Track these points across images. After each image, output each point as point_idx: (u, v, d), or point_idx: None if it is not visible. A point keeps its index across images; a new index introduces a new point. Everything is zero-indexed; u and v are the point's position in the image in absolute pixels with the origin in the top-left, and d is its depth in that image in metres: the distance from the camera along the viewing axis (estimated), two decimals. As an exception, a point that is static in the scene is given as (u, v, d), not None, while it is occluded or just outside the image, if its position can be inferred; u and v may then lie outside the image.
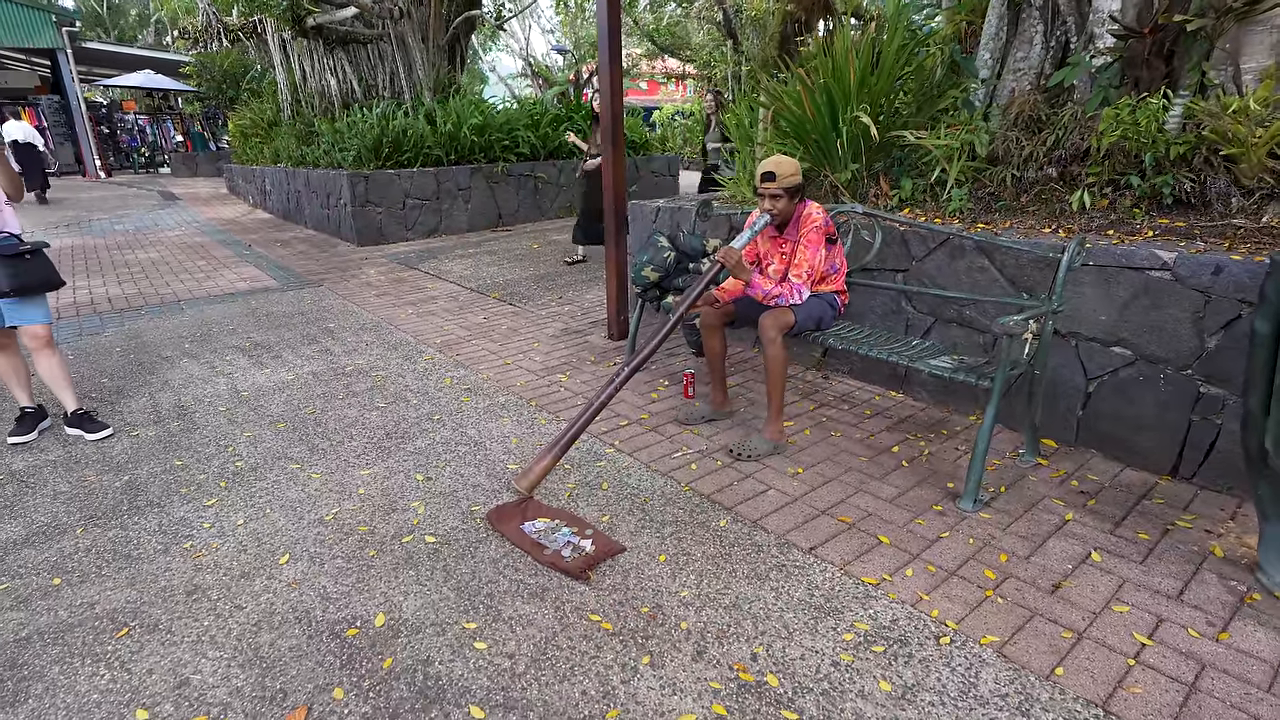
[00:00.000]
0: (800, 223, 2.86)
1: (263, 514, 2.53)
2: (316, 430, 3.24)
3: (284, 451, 3.03)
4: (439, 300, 5.68)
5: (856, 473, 2.75)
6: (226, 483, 2.76)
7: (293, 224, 10.56)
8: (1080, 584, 2.06)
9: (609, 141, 4.20)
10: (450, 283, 6.30)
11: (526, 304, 5.49)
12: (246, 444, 3.11)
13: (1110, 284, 2.70)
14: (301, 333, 4.82)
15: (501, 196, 9.28)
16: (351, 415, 3.40)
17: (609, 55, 4.01)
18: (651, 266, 3.60)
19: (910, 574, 2.12)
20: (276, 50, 10.68)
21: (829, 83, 3.81)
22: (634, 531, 2.38)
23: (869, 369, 3.67)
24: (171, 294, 6.01)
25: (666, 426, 3.22)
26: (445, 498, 2.62)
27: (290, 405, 3.54)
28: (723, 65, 21.53)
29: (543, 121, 9.85)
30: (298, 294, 5.99)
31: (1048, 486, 2.62)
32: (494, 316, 5.16)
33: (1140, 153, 2.94)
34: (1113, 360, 2.75)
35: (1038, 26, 4.14)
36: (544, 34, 27.98)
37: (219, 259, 7.69)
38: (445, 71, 10.84)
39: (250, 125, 12.53)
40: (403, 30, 10.02)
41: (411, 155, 8.68)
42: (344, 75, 10.37)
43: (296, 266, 7.24)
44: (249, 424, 3.32)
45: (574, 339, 4.58)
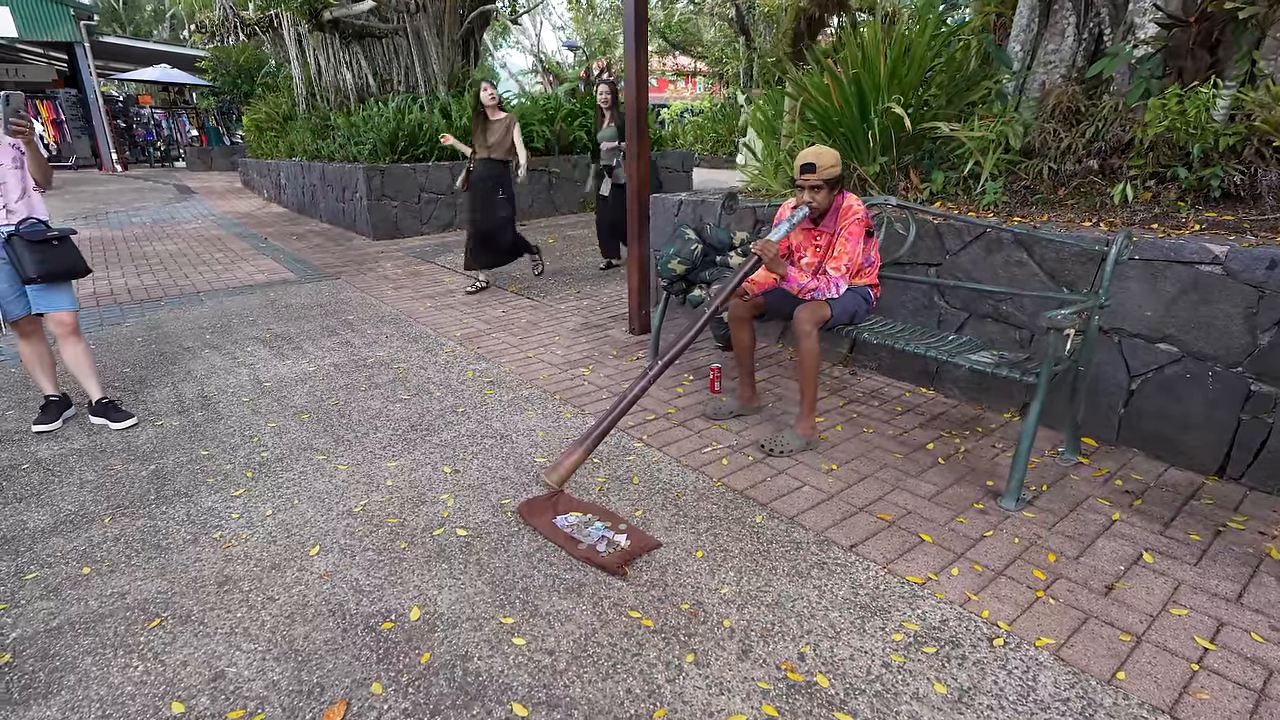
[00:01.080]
0: (840, 214, 2.79)
1: (291, 505, 2.49)
2: (341, 421, 3.20)
3: (309, 443, 2.99)
4: (456, 294, 5.64)
5: (892, 470, 2.69)
6: (253, 473, 2.72)
7: (308, 218, 10.55)
8: (1134, 586, 1.99)
9: (633, 134, 4.13)
10: (467, 276, 6.25)
11: (544, 298, 5.43)
12: (271, 434, 3.07)
13: (1157, 279, 2.62)
14: (321, 324, 4.78)
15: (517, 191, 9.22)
16: (375, 407, 3.36)
17: (635, 44, 3.94)
18: (679, 259, 3.54)
19: (956, 573, 2.06)
20: (292, 44, 10.66)
21: (860, 73, 3.74)
22: (668, 527, 2.33)
23: (897, 365, 3.60)
24: (190, 285, 5.99)
25: (694, 421, 3.16)
26: (474, 490, 2.58)
27: (313, 396, 3.50)
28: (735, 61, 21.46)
29: (557, 116, 9.79)
30: (315, 286, 5.95)
31: (1091, 486, 2.55)
32: (512, 310, 5.12)
33: (1187, 144, 2.86)
34: (1158, 357, 2.67)
35: (1070, 18, 4.05)
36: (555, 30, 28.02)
37: (236, 251, 7.67)
38: (459, 66, 10.79)
39: (265, 119, 12.53)
40: (418, 24, 9.99)
41: (427, 149, 8.63)
42: (359, 69, 10.33)
43: (313, 259, 7.21)
44: (273, 414, 3.29)
45: (594, 333, 4.52)
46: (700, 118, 20.62)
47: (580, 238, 7.92)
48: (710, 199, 4.55)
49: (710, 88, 27.71)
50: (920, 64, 3.87)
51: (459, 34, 10.65)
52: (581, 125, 9.92)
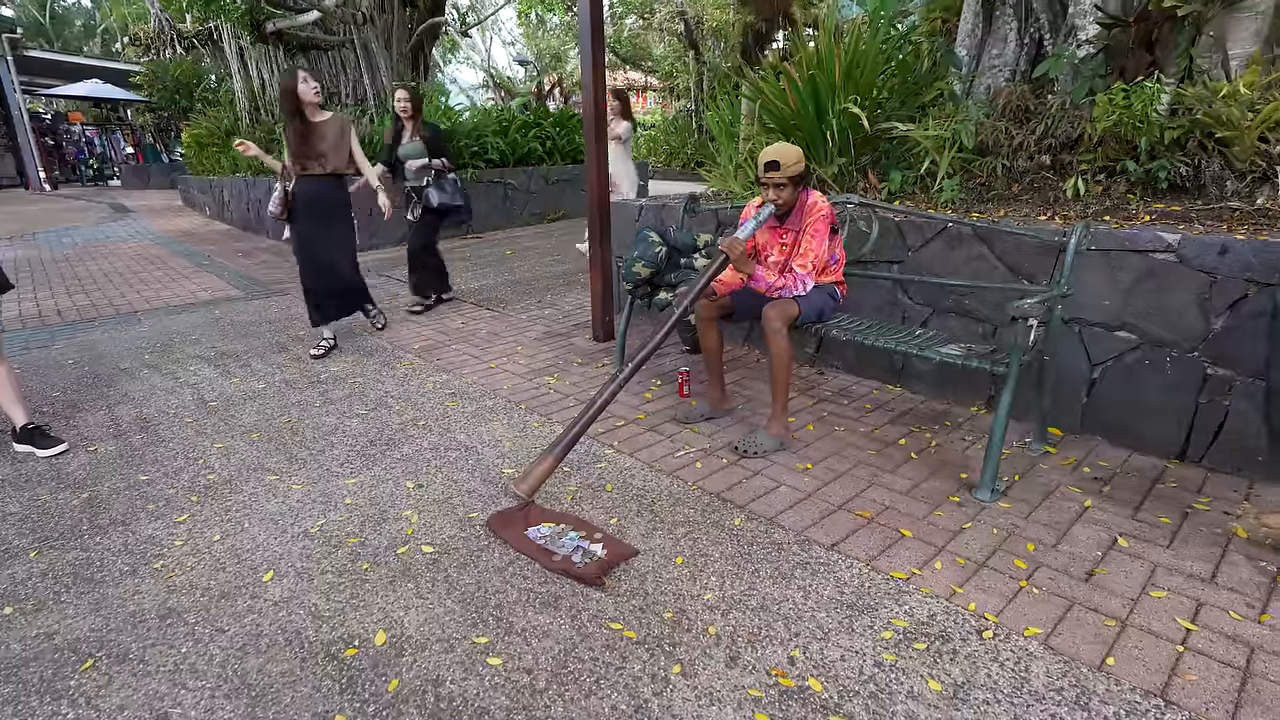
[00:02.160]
0: (805, 212, 2.77)
1: (241, 529, 2.32)
2: (294, 439, 3.02)
3: (260, 462, 2.81)
4: (414, 307, 5.45)
5: (866, 466, 2.66)
6: (198, 497, 2.54)
7: (254, 234, 10.17)
8: (1113, 570, 1.98)
9: (592, 137, 4.07)
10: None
11: (505, 308, 5.31)
12: (218, 456, 2.88)
13: (1113, 268, 2.67)
14: (270, 341, 4.56)
15: (472, 202, 9.07)
16: (331, 423, 3.19)
17: (591, 47, 3.89)
18: (643, 262, 3.47)
19: (939, 567, 2.03)
20: (234, 57, 10.33)
21: (815, 74, 3.76)
22: (645, 534, 2.24)
23: (864, 363, 3.60)
24: (128, 305, 5.66)
25: (665, 426, 3.09)
26: (439, 505, 2.45)
27: (264, 415, 3.31)
28: (685, 75, 21.69)
29: (511, 128, 9.69)
30: (264, 303, 5.70)
31: (1061, 474, 2.56)
32: (472, 321, 4.98)
33: (1134, 138, 2.93)
34: (1117, 345, 2.72)
35: (1011, 24, 4.17)
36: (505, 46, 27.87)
37: (177, 269, 7.31)
38: (410, 79, 10.60)
39: (207, 135, 12.06)
40: (366, 37, 9.78)
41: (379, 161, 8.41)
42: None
43: (261, 276, 6.92)
44: (220, 435, 3.09)
45: (558, 342, 4.42)
46: (654, 131, 20.75)
47: (538, 249, 7.81)
48: (671, 203, 4.51)
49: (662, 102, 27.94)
50: (873, 66, 3.92)
51: (408, 47, 10.47)
52: (536, 136, 9.84)
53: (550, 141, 10.09)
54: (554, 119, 10.47)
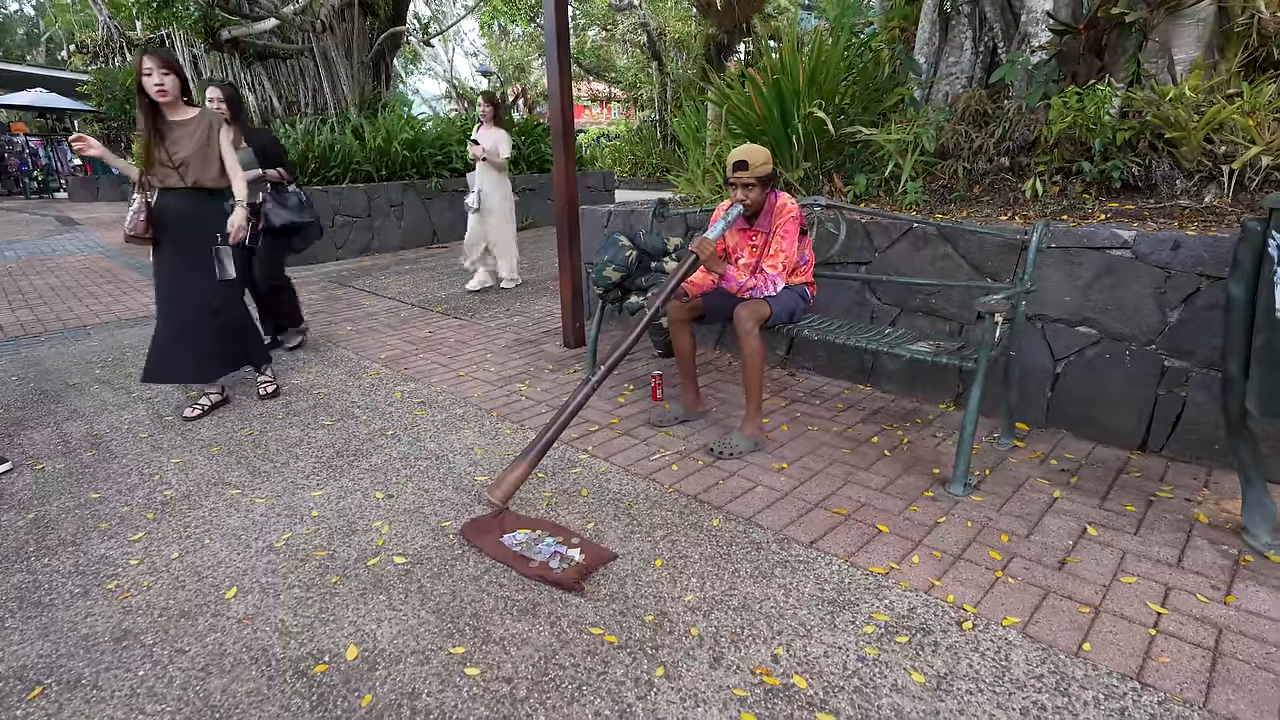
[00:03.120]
0: (774, 213, 2.79)
1: (201, 545, 2.22)
2: (256, 452, 2.92)
3: (220, 476, 2.70)
4: (379, 316, 5.36)
5: (841, 465, 2.67)
6: (155, 514, 2.43)
7: (209, 246, 9.87)
8: (1084, 558, 2.02)
9: (559, 144, 4.06)
10: (389, 299, 5.97)
11: (473, 317, 5.24)
12: (175, 471, 2.76)
13: (1073, 265, 2.74)
14: (229, 353, 4.41)
15: (436, 212, 8.96)
16: (295, 435, 3.09)
17: (557, 54, 3.88)
18: (614, 266, 3.46)
19: (917, 561, 2.04)
20: (187, 65, 10.06)
21: (780, 79, 3.80)
22: (623, 537, 2.21)
23: (834, 363, 3.63)
24: (76, 319, 5.43)
25: (639, 430, 3.07)
26: (411, 515, 2.38)
27: (223, 428, 3.19)
28: (648, 86, 21.85)
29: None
30: (221, 315, 5.51)
31: (1029, 467, 2.61)
32: (440, 330, 4.90)
33: (1088, 140, 3.03)
34: (1079, 340, 2.79)
35: (967, 33, 4.28)
36: (468, 57, 27.69)
37: (129, 283, 7.05)
38: (371, 88, 10.47)
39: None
40: (325, 45, 9.64)
41: (340, 171, 8.27)
42: (263, 91, 9.85)
43: (217, 288, 6.70)
44: (177, 449, 2.97)
45: (528, 349, 4.37)
46: (618, 141, 20.83)
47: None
48: (640, 208, 4.51)
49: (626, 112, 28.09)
50: (836, 72, 3.99)
51: (369, 56, 10.34)
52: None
53: (516, 150, 10.03)
54: (519, 128, 10.43)
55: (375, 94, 10.32)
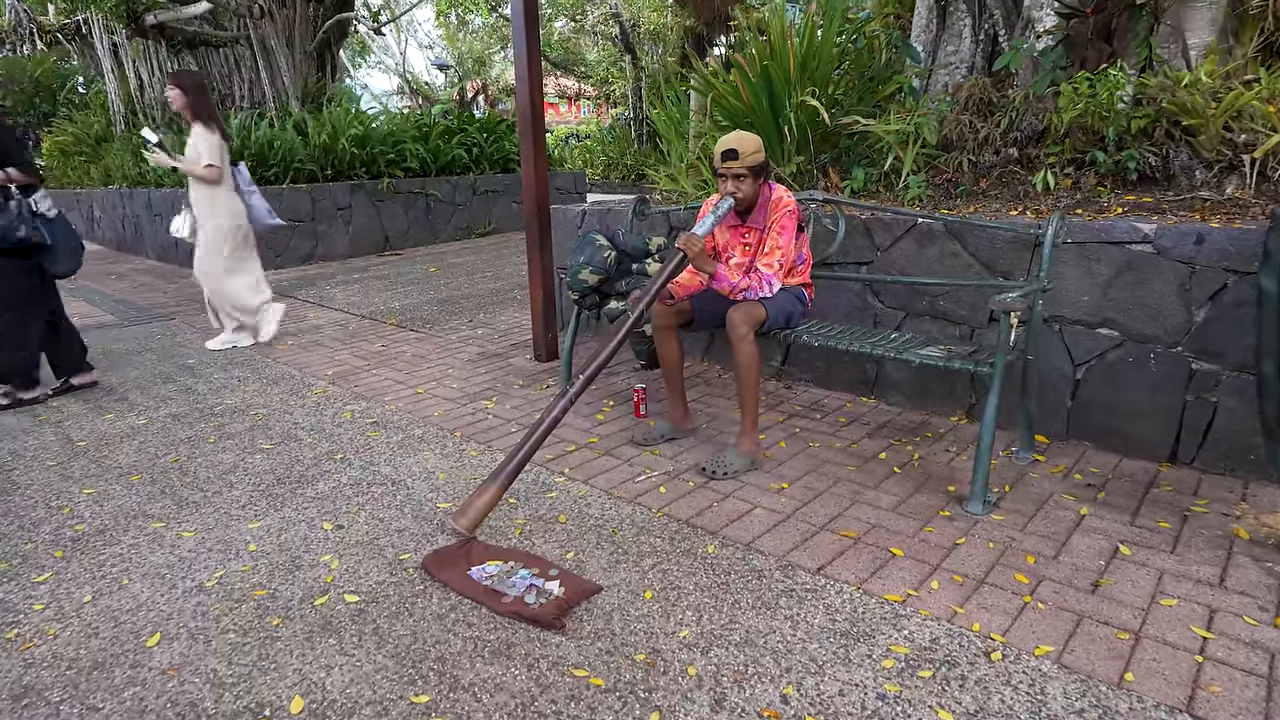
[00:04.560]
0: (769, 208, 2.78)
1: (118, 586, 2.11)
2: (183, 480, 2.80)
3: (141, 508, 2.58)
4: (324, 329, 5.25)
5: (847, 483, 2.65)
6: (64, 552, 2.30)
7: (130, 255, 9.66)
8: (1119, 579, 2.01)
9: (528, 137, 4.03)
10: (336, 310, 5.87)
11: (431, 329, 5.16)
12: (89, 503, 2.64)
13: (1091, 261, 2.77)
14: (153, 371, 4.28)
15: (388, 216, 8.87)
16: (229, 460, 2.98)
17: (525, 34, 3.86)
18: (590, 268, 3.42)
19: (936, 586, 2.01)
20: (107, 54, 9.91)
21: (769, 65, 3.83)
22: (607, 567, 2.15)
23: (834, 374, 3.62)
24: (-28, 336, 5.23)
25: (622, 449, 3.02)
26: (364, 547, 2.29)
27: (145, 454, 3.07)
28: (621, 81, 22.06)
29: (433, 134, 9.57)
30: (144, 330, 5.37)
31: (1052, 482, 2.61)
32: (394, 343, 4.81)
33: (1101, 128, 3.08)
34: (1100, 343, 2.81)
35: (965, 20, 4.37)
36: (422, 49, 27.69)
37: (36, 295, 6.83)
38: (315, 80, 10.39)
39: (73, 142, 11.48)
40: (264, 32, 9.56)
41: (280, 170, 8.15)
42: (193, 82, 9.70)
43: (139, 300, 6.55)
44: (90, 479, 2.84)
45: (494, 363, 4.30)
46: (589, 142, 20.93)
47: (466, 265, 7.68)
48: (617, 207, 4.50)
49: (597, 109, 28.31)
50: (829, 58, 4.03)
51: (312, 45, 10.27)
52: (460, 142, 9.75)
53: (477, 149, 10.01)
54: (480, 124, 10.42)
55: (320, 86, 10.24)
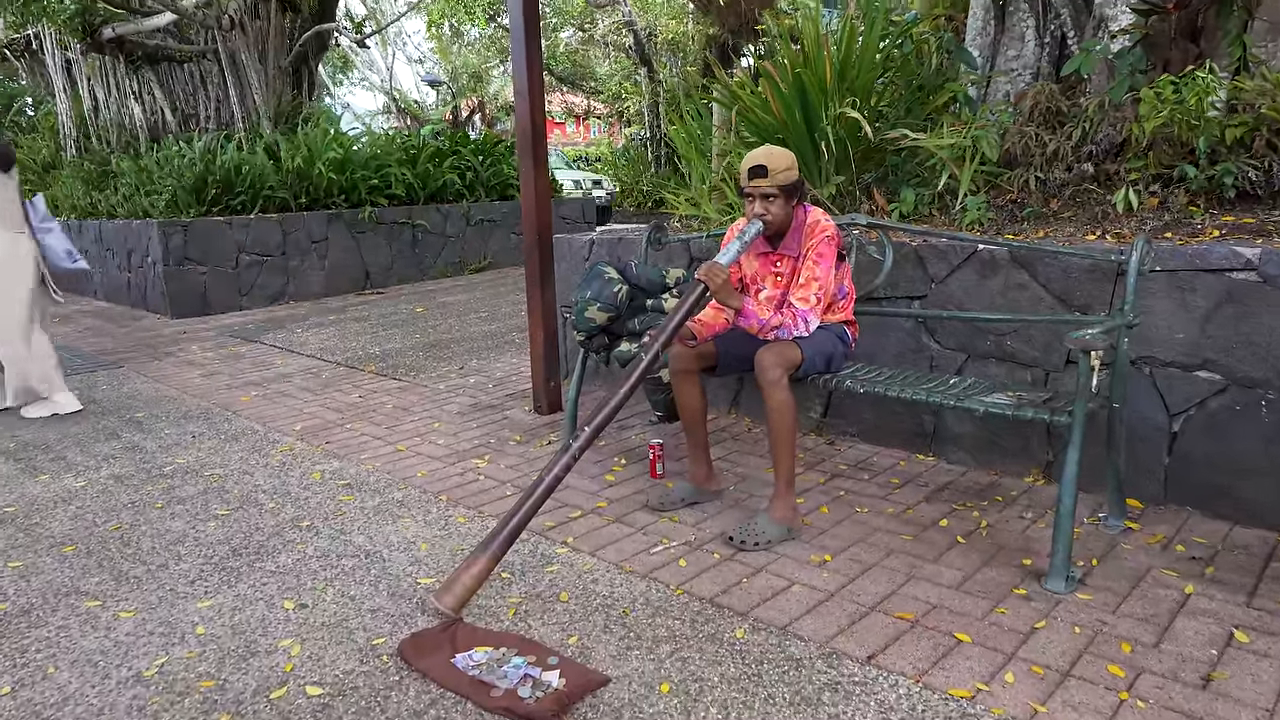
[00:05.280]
0: (805, 233, 2.80)
1: (42, 675, 2.09)
2: (124, 552, 2.81)
3: (74, 584, 2.59)
4: (293, 378, 5.31)
5: (901, 555, 2.60)
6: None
7: (76, 295, 9.87)
8: (1236, 673, 1.94)
9: (528, 156, 4.12)
10: (307, 356, 5.94)
11: (416, 376, 5.20)
12: (14, 578, 2.65)
13: (1184, 292, 2.75)
14: (95, 426, 4.33)
15: (369, 249, 9.04)
16: (177, 529, 2.99)
17: (526, 51, 3.98)
18: (598, 305, 3.44)
19: (1011, 680, 1.95)
20: (59, 71, 10.33)
21: (802, 73, 3.90)
22: (617, 655, 2.11)
23: (885, 427, 3.59)
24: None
25: (635, 515, 2.99)
26: (330, 630, 2.27)
27: (82, 522, 3.09)
28: (636, 96, 22.57)
29: (421, 157, 9.82)
30: (87, 379, 5.46)
31: (1149, 555, 2.54)
32: (373, 394, 4.84)
33: (1190, 139, 3.10)
34: (1199, 389, 2.77)
35: (1028, 21, 4.46)
36: (411, 64, 28.54)
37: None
38: (290, 98, 10.73)
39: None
40: (234, 46, 9.92)
41: (248, 198, 8.37)
42: (153, 101, 10.07)
43: (84, 345, 6.68)
44: (17, 550, 2.86)
45: (488, 415, 4.32)
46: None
47: (458, 304, 7.78)
48: (630, 236, 4.56)
49: (609, 129, 28.91)
50: (871, 65, 4.10)
51: (288, 60, 10.65)
52: (453, 166, 9.98)
53: (472, 173, 10.24)
54: (475, 146, 10.68)
55: (295, 105, 10.57)
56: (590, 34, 24.52)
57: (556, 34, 25.42)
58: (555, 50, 25.33)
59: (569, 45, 26.02)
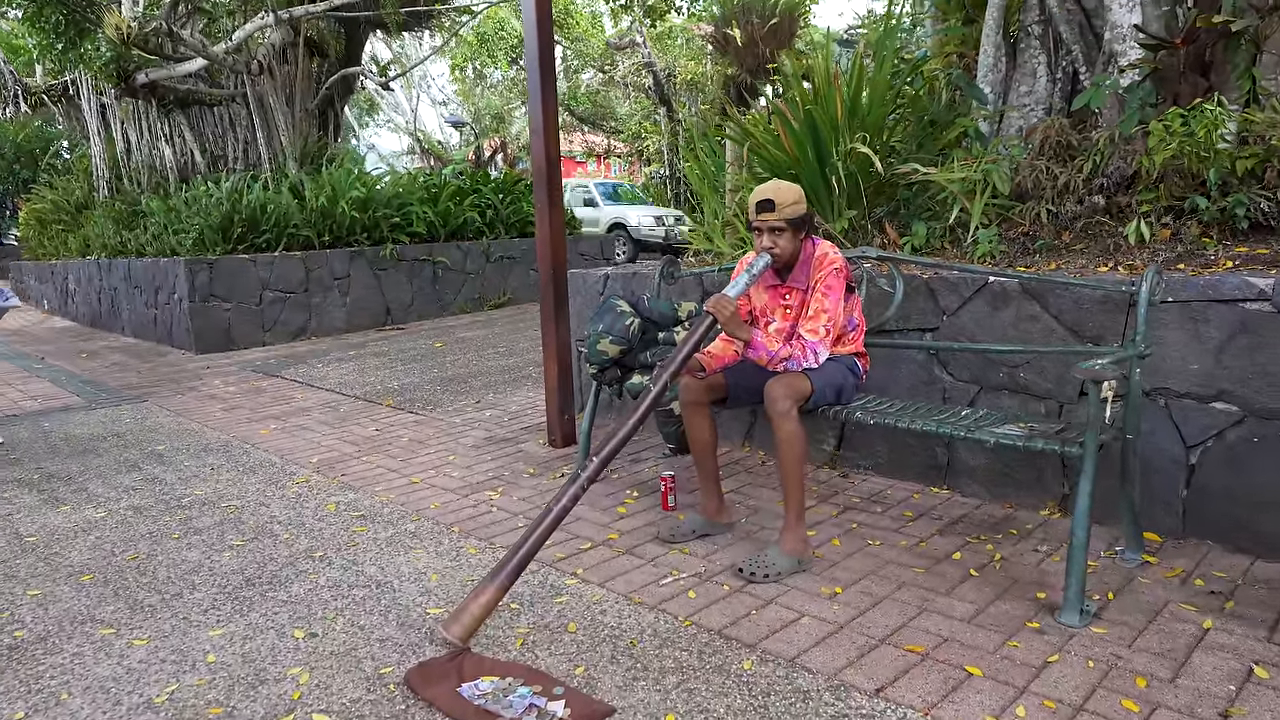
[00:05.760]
0: (813, 265, 2.82)
1: (55, 701, 2.12)
2: (140, 581, 2.85)
3: (90, 612, 2.63)
4: (312, 412, 5.38)
5: (913, 589, 2.58)
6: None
7: (104, 331, 10.09)
8: (1255, 709, 1.90)
9: (543, 191, 4.19)
10: (327, 390, 6.02)
11: (433, 411, 5.25)
12: (31, 606, 2.69)
13: (1198, 323, 2.74)
14: (117, 459, 4.41)
15: (390, 286, 9.18)
16: (193, 559, 3.02)
17: (541, 89, 4.08)
18: (610, 338, 3.48)
19: (1023, 713, 1.92)
20: (94, 115, 10.66)
21: (813, 110, 3.96)
22: (623, 686, 2.10)
23: (899, 460, 3.57)
24: (-75, 420, 5.48)
25: (645, 547, 2.99)
26: (339, 659, 2.28)
27: (100, 551, 3.14)
28: (656, 136, 22.89)
29: (442, 195, 9.99)
30: (111, 412, 5.56)
31: (1166, 589, 2.50)
32: (389, 427, 4.89)
33: (1200, 171, 3.10)
34: (1215, 420, 2.74)
35: (1039, 58, 4.51)
36: (435, 105, 29.14)
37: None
38: (315, 139, 11.00)
39: (51, 210, 12.22)
40: (262, 90, 10.22)
41: (272, 237, 8.56)
42: (183, 143, 10.36)
43: (110, 380, 6.80)
44: (37, 579, 2.90)
45: (502, 448, 4.35)
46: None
47: (476, 340, 7.86)
48: (643, 270, 4.60)
49: (629, 168, 29.25)
50: (882, 101, 4.16)
51: (314, 102, 10.94)
52: (474, 204, 10.14)
53: (492, 211, 10.41)
54: (496, 184, 10.86)
55: (321, 146, 10.84)
56: (611, 75, 24.95)
57: (578, 75, 25.92)
58: (576, 91, 25.79)
59: (590, 86, 26.49)
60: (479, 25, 19.97)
